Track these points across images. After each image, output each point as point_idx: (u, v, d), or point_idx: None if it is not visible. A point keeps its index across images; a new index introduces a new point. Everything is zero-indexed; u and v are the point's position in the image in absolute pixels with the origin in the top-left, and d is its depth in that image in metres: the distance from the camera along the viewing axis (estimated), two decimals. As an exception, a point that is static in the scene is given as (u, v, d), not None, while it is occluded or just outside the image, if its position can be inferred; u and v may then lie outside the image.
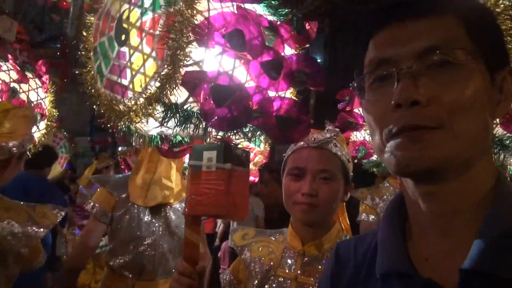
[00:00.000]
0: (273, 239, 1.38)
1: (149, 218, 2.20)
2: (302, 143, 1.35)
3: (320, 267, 1.27)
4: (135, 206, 2.17)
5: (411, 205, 0.65)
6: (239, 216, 1.19)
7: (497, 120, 1.12)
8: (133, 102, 1.08)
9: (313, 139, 1.32)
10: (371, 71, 0.62)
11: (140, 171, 2.18)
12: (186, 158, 2.61)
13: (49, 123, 2.16)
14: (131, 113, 1.07)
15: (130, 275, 2.13)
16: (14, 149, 1.50)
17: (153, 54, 1.04)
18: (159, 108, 1.05)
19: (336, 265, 0.75)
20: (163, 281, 2.20)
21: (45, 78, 2.14)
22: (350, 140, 2.71)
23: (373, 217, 2.65)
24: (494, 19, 0.62)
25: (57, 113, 2.22)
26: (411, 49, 0.57)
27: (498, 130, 1.20)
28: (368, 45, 0.64)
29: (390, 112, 0.57)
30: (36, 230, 1.45)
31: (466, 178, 0.58)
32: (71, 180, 6.38)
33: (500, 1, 1.00)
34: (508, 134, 1.21)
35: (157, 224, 2.21)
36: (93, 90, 1.22)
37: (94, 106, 1.17)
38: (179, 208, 2.32)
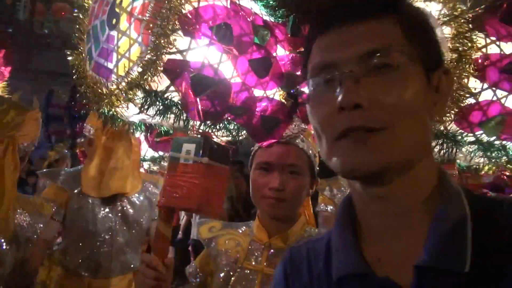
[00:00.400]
0: (240, 231, 1.38)
1: (104, 213, 2.11)
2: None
3: None
4: (90, 201, 2.09)
5: (360, 207, 0.65)
6: (211, 212, 1.18)
7: (452, 116, 1.14)
8: (115, 86, 1.07)
9: None
10: (315, 76, 0.62)
11: (93, 161, 2.09)
12: (143, 151, 2.56)
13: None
14: (112, 96, 1.06)
15: (86, 274, 2.05)
16: (27, 149, 1.63)
17: (139, 39, 1.03)
18: (140, 94, 1.04)
19: (291, 270, 0.74)
20: (121, 277, 2.13)
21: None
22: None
23: (331, 207, 2.63)
24: (428, 20, 0.63)
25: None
26: (352, 53, 0.58)
27: (452, 126, 1.21)
28: (312, 50, 0.64)
29: (335, 115, 0.58)
30: (40, 219, 1.59)
31: (410, 178, 0.59)
32: (28, 173, 6.04)
33: (457, 5, 1.03)
34: (460, 130, 1.23)
35: (113, 218, 2.12)
36: (81, 72, 1.21)
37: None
38: (137, 201, 2.23)
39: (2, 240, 1.41)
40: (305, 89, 0.66)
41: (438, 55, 0.63)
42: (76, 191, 2.10)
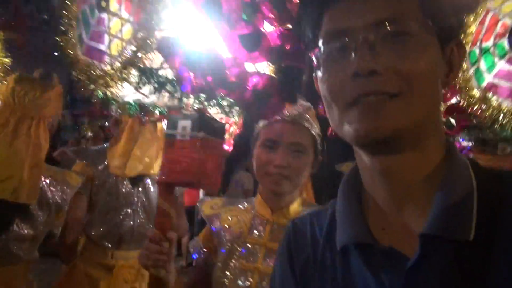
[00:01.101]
0: (242, 208, 1.41)
1: (128, 189, 2.19)
2: (275, 116, 1.37)
3: None
4: (114, 177, 2.16)
5: (366, 177, 0.64)
6: (210, 185, 1.21)
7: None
8: (109, 67, 1.09)
9: (287, 113, 1.34)
10: (327, 42, 0.61)
11: (120, 142, 2.13)
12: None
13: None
14: (106, 77, 1.08)
15: (109, 245, 2.15)
16: (53, 123, 1.68)
17: (131, 19, 1.05)
18: (134, 73, 1.07)
19: (294, 241, 0.75)
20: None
21: None
22: None
23: None
24: None
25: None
26: (367, 20, 0.57)
27: None
28: (323, 17, 0.62)
29: (348, 82, 0.57)
30: (68, 188, 1.68)
31: (421, 149, 0.59)
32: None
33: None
34: None
35: (136, 195, 2.21)
36: (72, 57, 1.23)
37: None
38: None
39: (33, 206, 1.49)
40: (314, 58, 0.63)
41: (453, 28, 0.62)
42: (100, 167, 2.17)
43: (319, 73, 0.62)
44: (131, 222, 2.21)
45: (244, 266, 1.31)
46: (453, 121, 1.90)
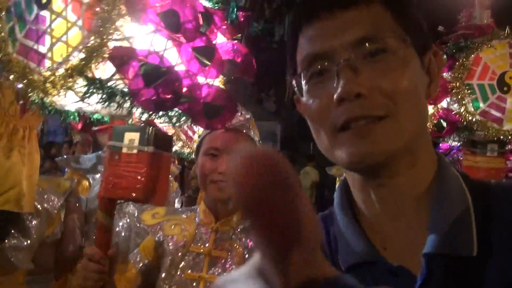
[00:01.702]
0: (185, 217, 1.40)
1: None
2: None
3: (232, 241, 1.32)
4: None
5: (359, 196, 0.62)
6: (157, 201, 1.17)
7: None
8: (50, 72, 0.99)
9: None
10: (307, 68, 0.59)
11: None
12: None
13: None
14: (47, 84, 0.98)
15: None
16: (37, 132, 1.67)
17: (79, 23, 0.96)
18: (80, 82, 0.98)
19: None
20: None
21: None
22: None
23: None
24: (414, 3, 0.61)
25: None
26: (346, 40, 0.55)
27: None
28: (299, 41, 0.61)
29: (334, 107, 0.55)
30: (57, 195, 1.66)
31: (415, 166, 0.58)
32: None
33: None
34: None
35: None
36: (2, 54, 1.09)
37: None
38: None
39: (26, 215, 1.49)
40: (294, 83, 0.61)
41: (426, 37, 0.61)
42: (97, 176, 2.17)
43: (303, 99, 0.61)
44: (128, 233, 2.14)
45: (188, 275, 1.30)
46: (444, 123, 2.06)
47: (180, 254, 1.33)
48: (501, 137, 1.98)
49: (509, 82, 1.98)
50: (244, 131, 1.39)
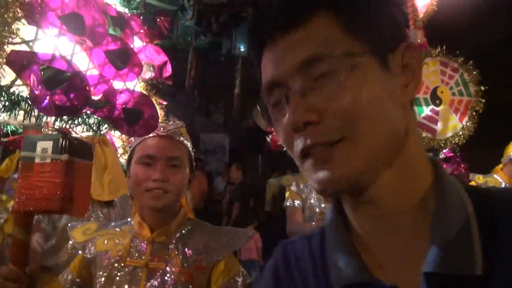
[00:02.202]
0: (118, 230, 1.37)
1: (97, 213, 2.05)
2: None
3: (169, 251, 1.30)
4: None
5: (348, 210, 0.60)
6: (77, 211, 1.12)
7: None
8: None
9: (161, 128, 1.35)
10: (266, 97, 0.58)
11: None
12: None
13: None
14: None
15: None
16: None
17: (-28, 27, 0.93)
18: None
19: (283, 272, 0.66)
20: None
21: None
22: None
23: (298, 202, 2.77)
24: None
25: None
26: (292, 65, 0.53)
27: None
28: (261, 64, 0.59)
29: (292, 136, 0.54)
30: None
31: (397, 178, 0.54)
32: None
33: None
34: None
35: (108, 218, 2.05)
36: None
37: None
38: None
39: None
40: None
41: (396, 31, 0.56)
42: None
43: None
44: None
45: None
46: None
47: (115, 269, 1.29)
48: (435, 146, 2.15)
49: (441, 96, 2.17)
50: (177, 138, 1.38)
